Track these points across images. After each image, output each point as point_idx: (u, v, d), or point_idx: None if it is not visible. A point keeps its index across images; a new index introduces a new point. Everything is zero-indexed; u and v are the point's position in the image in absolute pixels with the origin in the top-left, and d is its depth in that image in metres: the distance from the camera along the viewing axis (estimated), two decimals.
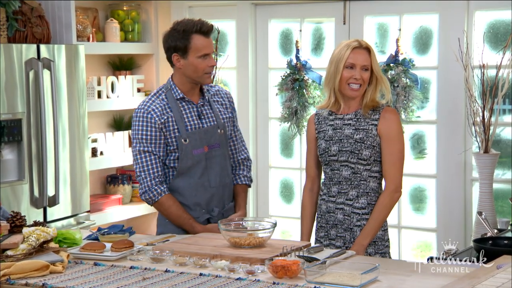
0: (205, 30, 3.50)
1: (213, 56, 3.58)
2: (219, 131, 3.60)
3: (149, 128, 3.49)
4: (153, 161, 3.50)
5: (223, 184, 3.61)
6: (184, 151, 3.51)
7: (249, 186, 3.76)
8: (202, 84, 3.59)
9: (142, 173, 3.50)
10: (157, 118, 3.49)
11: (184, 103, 3.56)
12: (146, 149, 3.49)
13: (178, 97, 3.55)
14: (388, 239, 3.48)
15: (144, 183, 3.50)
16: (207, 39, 3.51)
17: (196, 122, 3.55)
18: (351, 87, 3.40)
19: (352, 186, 3.41)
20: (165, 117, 3.50)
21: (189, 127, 3.53)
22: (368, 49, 3.42)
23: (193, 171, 3.54)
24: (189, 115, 3.55)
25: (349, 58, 3.40)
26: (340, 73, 3.40)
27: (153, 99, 3.55)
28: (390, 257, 3.51)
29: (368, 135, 3.39)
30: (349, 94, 3.42)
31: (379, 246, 3.42)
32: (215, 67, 3.68)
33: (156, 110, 3.50)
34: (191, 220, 3.51)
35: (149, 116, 3.49)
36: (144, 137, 3.49)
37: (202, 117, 3.58)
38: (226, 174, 3.63)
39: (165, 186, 3.52)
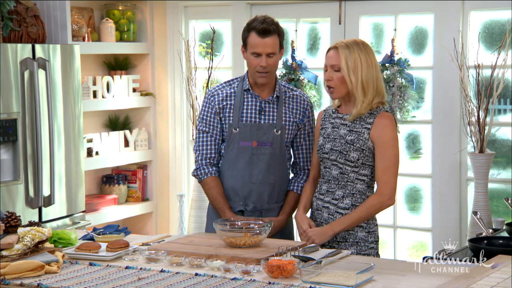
0: (260, 29, 3.52)
1: (270, 57, 3.53)
2: (275, 130, 3.60)
3: (208, 110, 3.65)
4: (208, 142, 3.64)
5: (266, 182, 3.61)
6: (232, 140, 3.60)
7: None
8: (255, 81, 3.60)
9: (197, 151, 3.68)
10: (216, 102, 3.63)
11: (249, 95, 3.63)
12: (204, 129, 3.66)
13: (245, 88, 3.63)
14: (375, 241, 3.44)
15: (197, 161, 3.68)
16: (261, 39, 3.52)
17: (253, 116, 3.61)
18: (328, 90, 3.43)
19: (339, 186, 3.41)
20: (225, 103, 3.63)
21: (244, 119, 3.60)
22: (337, 48, 3.36)
23: (237, 162, 3.60)
24: (249, 107, 3.61)
25: (325, 60, 3.43)
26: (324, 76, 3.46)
27: (224, 85, 3.70)
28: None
29: (359, 137, 3.37)
30: (330, 96, 3.46)
31: (361, 247, 3.41)
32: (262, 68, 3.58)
33: (220, 95, 3.64)
34: (225, 206, 3.58)
35: (211, 99, 3.66)
36: (204, 117, 3.67)
37: (263, 113, 3.62)
38: (273, 174, 3.62)
39: (214, 168, 3.63)
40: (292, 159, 3.75)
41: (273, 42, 3.53)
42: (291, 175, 3.77)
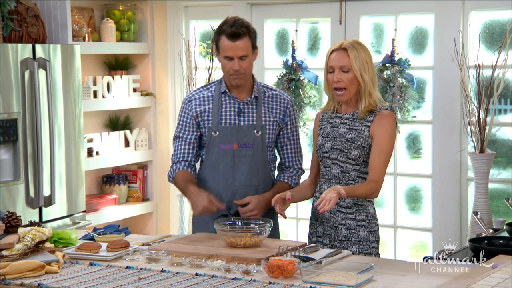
0: (229, 33, 3.46)
1: (243, 60, 3.47)
2: (255, 131, 3.56)
3: (185, 115, 3.62)
4: (181, 147, 3.61)
5: (250, 185, 3.56)
6: (212, 144, 3.56)
7: (291, 187, 3.65)
8: (230, 84, 3.57)
9: (172, 157, 3.65)
10: (194, 107, 3.60)
11: (227, 98, 3.59)
12: (178, 134, 3.64)
13: (222, 90, 3.59)
14: (376, 240, 3.45)
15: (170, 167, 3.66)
16: (232, 43, 3.46)
17: (232, 118, 3.56)
18: (336, 93, 3.39)
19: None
20: (203, 108, 3.58)
21: (223, 121, 3.56)
22: (345, 49, 3.35)
23: (218, 166, 3.56)
24: (227, 110, 3.57)
25: (329, 62, 3.40)
26: (325, 78, 3.42)
27: (201, 89, 3.67)
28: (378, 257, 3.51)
29: (360, 135, 3.38)
30: (336, 99, 3.43)
31: (363, 246, 3.41)
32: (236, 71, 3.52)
33: (198, 99, 3.61)
34: (190, 183, 3.50)
35: (188, 104, 3.62)
36: (180, 122, 3.64)
37: (242, 114, 3.57)
38: (255, 176, 3.57)
39: (182, 164, 3.59)
40: (278, 160, 3.71)
41: (244, 45, 3.47)
42: (277, 173, 3.71)
